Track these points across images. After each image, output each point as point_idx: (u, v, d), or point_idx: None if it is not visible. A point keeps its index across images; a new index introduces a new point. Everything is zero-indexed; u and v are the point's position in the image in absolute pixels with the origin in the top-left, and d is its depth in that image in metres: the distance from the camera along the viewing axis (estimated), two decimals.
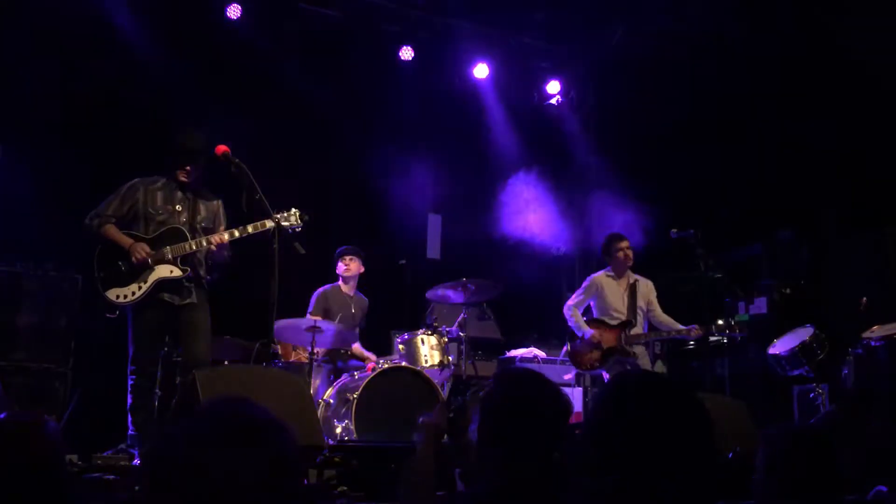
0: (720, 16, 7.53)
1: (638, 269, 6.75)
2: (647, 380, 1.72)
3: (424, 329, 6.54)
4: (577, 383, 7.48)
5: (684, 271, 7.10)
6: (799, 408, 6.65)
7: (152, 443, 4.51)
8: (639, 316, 6.57)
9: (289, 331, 6.17)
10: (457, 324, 7.02)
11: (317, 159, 8.37)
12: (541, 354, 7.83)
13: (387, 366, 5.91)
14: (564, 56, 9.34)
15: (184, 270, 5.04)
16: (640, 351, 6.52)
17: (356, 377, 5.98)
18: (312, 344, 6.03)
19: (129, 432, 4.95)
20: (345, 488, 4.14)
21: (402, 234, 8.36)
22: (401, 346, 6.43)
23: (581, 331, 6.47)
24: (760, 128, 8.12)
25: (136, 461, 4.61)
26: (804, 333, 6.14)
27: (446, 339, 6.51)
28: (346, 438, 5.42)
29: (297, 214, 5.11)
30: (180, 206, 5.16)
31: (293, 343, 6.57)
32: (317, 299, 6.81)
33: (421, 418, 2.66)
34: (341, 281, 6.94)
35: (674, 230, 6.34)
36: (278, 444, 1.23)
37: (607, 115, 9.22)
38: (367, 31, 8.32)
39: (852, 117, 7.33)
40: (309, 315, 6.65)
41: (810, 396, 6.17)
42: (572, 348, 6.63)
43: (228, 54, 7.70)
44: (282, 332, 6.12)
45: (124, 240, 5.02)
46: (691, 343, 7.87)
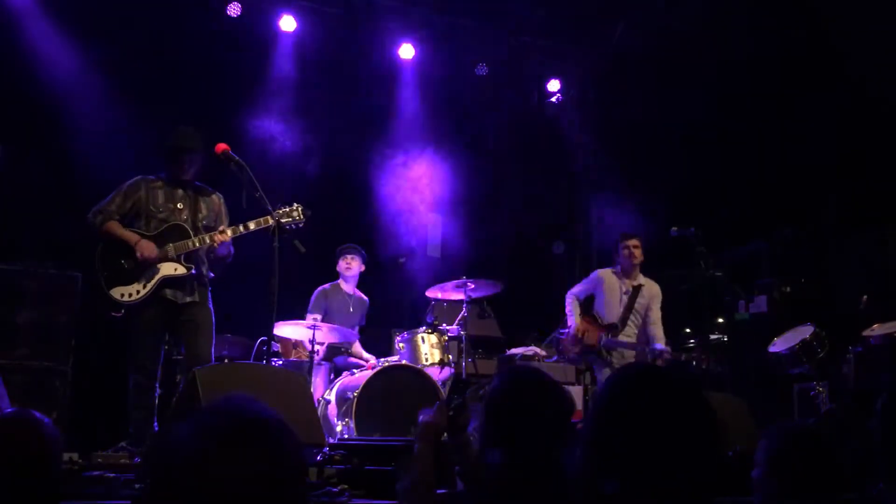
0: (720, 15, 7.52)
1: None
2: (649, 377, 1.63)
3: (425, 327, 6.53)
4: (577, 381, 7.48)
5: (685, 269, 7.09)
6: (799, 406, 6.65)
7: (153, 441, 4.52)
8: (635, 321, 6.49)
9: (289, 329, 6.18)
10: (457, 322, 7.02)
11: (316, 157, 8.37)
12: (541, 353, 7.82)
13: (387, 364, 5.91)
14: (564, 55, 9.33)
15: (188, 268, 5.02)
16: (618, 358, 6.35)
17: (356, 375, 5.99)
18: (312, 342, 6.03)
19: (129, 430, 4.93)
20: (345, 486, 4.14)
21: (403, 232, 8.36)
22: (401, 345, 6.43)
23: (570, 320, 6.50)
24: (760, 128, 8.11)
25: (137, 459, 4.61)
26: (804, 332, 6.12)
27: (446, 338, 6.50)
28: (346, 437, 5.42)
29: (300, 209, 5.04)
30: (181, 204, 5.14)
31: (293, 341, 6.58)
32: (317, 297, 6.81)
33: (420, 417, 2.65)
34: (342, 279, 6.94)
35: (674, 228, 6.33)
36: (280, 442, 1.23)
37: (607, 115, 9.21)
38: (368, 27, 8.31)
39: (852, 117, 7.33)
40: (309, 313, 6.65)
41: (810, 395, 6.15)
42: (558, 335, 6.66)
43: (228, 51, 7.69)
44: (282, 330, 6.13)
45: (130, 236, 4.99)
46: (691, 341, 7.87)
